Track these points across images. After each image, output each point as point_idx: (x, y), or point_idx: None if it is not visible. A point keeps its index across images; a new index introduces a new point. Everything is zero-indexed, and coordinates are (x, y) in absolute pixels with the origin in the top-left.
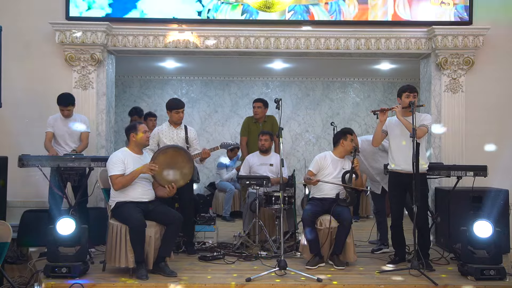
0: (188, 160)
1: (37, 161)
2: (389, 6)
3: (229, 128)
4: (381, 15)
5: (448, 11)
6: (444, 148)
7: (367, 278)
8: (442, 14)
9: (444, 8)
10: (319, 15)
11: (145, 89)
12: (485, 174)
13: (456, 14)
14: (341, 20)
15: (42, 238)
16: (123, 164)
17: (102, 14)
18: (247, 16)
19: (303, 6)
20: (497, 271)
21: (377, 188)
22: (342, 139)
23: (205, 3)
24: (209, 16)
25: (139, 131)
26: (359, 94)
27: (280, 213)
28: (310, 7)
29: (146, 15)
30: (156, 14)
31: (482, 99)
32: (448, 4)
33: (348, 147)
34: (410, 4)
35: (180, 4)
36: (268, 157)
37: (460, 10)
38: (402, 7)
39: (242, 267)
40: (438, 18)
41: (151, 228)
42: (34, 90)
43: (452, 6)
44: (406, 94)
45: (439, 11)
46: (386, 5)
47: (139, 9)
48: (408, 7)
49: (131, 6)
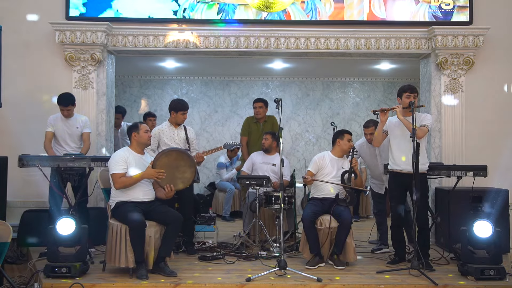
0: (190, 164)
1: (37, 161)
2: (364, 4)
3: (229, 128)
4: (357, 13)
5: (423, 10)
6: (444, 148)
7: (367, 278)
8: (416, 13)
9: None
10: (295, 14)
11: (145, 89)
12: (485, 174)
13: (430, 13)
14: (341, 20)
15: (42, 238)
16: (125, 163)
17: (76, 13)
18: (223, 16)
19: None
20: (497, 271)
21: (380, 189)
22: (339, 138)
23: (180, 2)
24: (185, 15)
25: (140, 130)
26: (359, 94)
27: (280, 213)
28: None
29: (121, 15)
30: (131, 13)
31: (482, 99)
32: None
33: (344, 147)
34: (386, 3)
35: (156, 4)
36: (272, 157)
37: (434, 9)
38: (378, 6)
39: (242, 267)
40: (413, 17)
41: (151, 228)
42: (34, 90)
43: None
44: (406, 94)
45: (414, 10)
46: (361, 4)
47: (114, 9)
48: (384, 6)
49: (106, 6)
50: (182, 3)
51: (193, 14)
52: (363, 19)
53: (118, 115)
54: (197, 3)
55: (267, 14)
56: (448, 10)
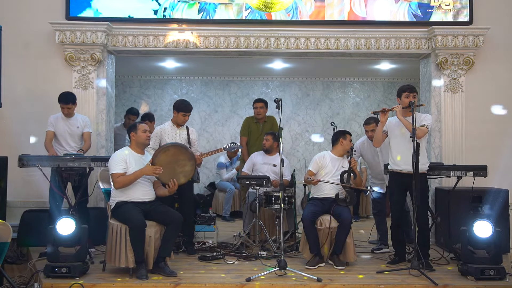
0: (189, 157)
1: (37, 161)
2: (345, 3)
3: (229, 128)
4: (337, 13)
5: (403, 9)
6: (444, 148)
7: (367, 278)
8: (396, 12)
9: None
10: (276, 13)
11: (145, 89)
12: (485, 174)
13: (410, 11)
14: (341, 20)
15: (42, 238)
16: (125, 163)
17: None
18: (204, 15)
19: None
20: (497, 271)
21: (381, 187)
22: (342, 138)
23: (161, 2)
24: (165, 15)
25: (138, 130)
26: (359, 94)
27: (280, 213)
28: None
29: (100, 14)
30: (111, 13)
31: (482, 99)
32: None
33: (347, 147)
34: (366, 2)
35: (136, 3)
36: (273, 158)
37: (413, 7)
38: (358, 5)
39: (242, 267)
40: (393, 16)
41: (151, 228)
42: (34, 90)
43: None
44: (405, 94)
45: (393, 9)
46: (342, 3)
47: (94, 8)
48: (364, 5)
49: (86, 5)
50: (163, 2)
51: (173, 14)
52: (343, 18)
53: (134, 117)
54: (177, 3)
55: (247, 14)
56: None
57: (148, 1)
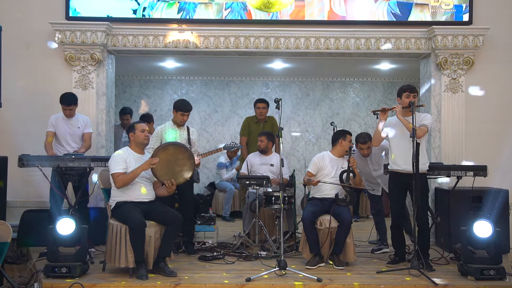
0: (188, 157)
1: (37, 161)
2: (325, 3)
3: (229, 128)
4: (317, 12)
5: (382, 8)
6: (444, 148)
7: (367, 278)
8: (375, 11)
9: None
10: (256, 13)
11: (145, 89)
12: (485, 174)
13: (389, 10)
14: (341, 20)
15: (42, 238)
16: (125, 163)
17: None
18: (183, 15)
19: (241, 3)
20: (497, 271)
21: (377, 190)
22: (341, 138)
23: (140, 1)
24: (145, 14)
25: (136, 130)
26: (359, 94)
27: (280, 213)
28: (247, 5)
29: (79, 14)
30: (89, 12)
31: (482, 99)
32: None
33: (346, 147)
34: (346, 1)
35: (115, 3)
36: (269, 157)
37: (393, 6)
38: (338, 4)
39: (242, 267)
40: (371, 15)
41: (151, 228)
42: (34, 90)
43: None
44: (406, 94)
45: (373, 8)
46: (322, 2)
47: (72, 8)
48: (344, 4)
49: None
50: (142, 2)
51: (152, 13)
52: (323, 17)
53: (126, 116)
54: (156, 2)
55: (227, 13)
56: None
57: (127, 0)
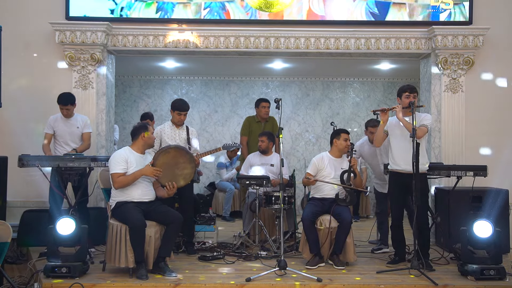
0: (189, 160)
1: (37, 161)
2: (303, 2)
3: (229, 128)
4: (296, 11)
5: (360, 8)
6: (444, 148)
7: (367, 278)
8: (353, 10)
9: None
10: (235, 13)
11: (145, 89)
12: (485, 174)
13: (367, 9)
14: (341, 20)
15: (42, 238)
16: (125, 163)
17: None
18: (162, 15)
19: (219, 3)
20: (497, 271)
21: (383, 188)
22: (335, 138)
23: (118, 1)
24: (122, 14)
25: (150, 132)
26: (359, 94)
27: (280, 213)
28: (226, 4)
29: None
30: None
31: (482, 99)
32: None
33: (341, 146)
34: (324, 1)
35: (93, 3)
36: (269, 158)
37: (371, 5)
38: (317, 3)
39: (242, 267)
40: (350, 14)
41: (151, 228)
42: (34, 90)
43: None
44: (406, 94)
45: (351, 8)
46: (300, 2)
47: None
48: (323, 4)
49: None
50: (119, 2)
51: (130, 13)
52: (302, 17)
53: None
54: (134, 2)
55: (206, 13)
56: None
57: (105, 0)
